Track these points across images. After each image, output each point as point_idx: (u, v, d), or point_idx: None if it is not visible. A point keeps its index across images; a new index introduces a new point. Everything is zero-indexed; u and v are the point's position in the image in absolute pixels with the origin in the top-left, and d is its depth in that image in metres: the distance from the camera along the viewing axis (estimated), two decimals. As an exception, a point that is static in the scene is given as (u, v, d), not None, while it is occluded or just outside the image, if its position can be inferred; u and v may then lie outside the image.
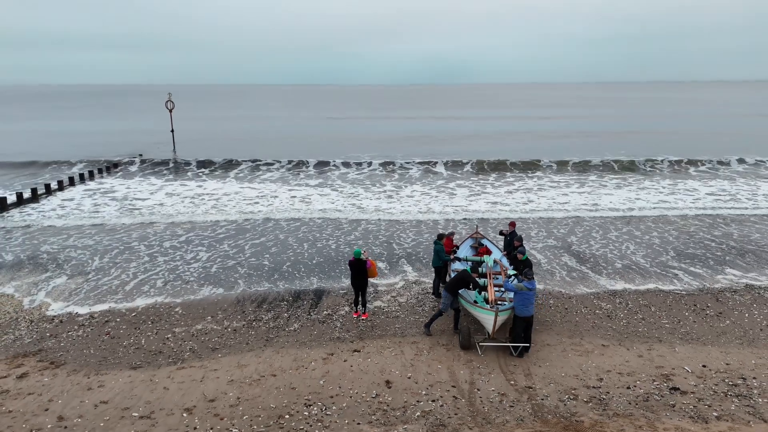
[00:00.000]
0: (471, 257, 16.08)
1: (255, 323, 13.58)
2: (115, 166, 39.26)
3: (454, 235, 16.36)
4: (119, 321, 13.72)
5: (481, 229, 20.06)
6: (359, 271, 13.53)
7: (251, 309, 14.51)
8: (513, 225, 16.34)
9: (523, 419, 9.35)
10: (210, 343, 12.45)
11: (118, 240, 21.52)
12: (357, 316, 13.92)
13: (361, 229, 23.03)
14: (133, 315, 14.09)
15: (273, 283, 16.56)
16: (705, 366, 11.26)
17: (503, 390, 10.31)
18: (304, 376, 10.82)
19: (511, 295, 12.16)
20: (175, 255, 19.58)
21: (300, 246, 20.63)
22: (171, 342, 12.52)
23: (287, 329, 13.21)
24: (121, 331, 13.11)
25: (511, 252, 14.89)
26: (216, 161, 39.59)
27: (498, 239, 18.97)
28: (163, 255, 19.58)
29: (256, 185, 33.16)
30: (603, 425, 9.15)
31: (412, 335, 12.84)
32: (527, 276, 11.33)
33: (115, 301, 15.13)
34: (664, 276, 17.13)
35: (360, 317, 13.85)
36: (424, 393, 10.18)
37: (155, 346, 12.32)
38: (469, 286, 12.57)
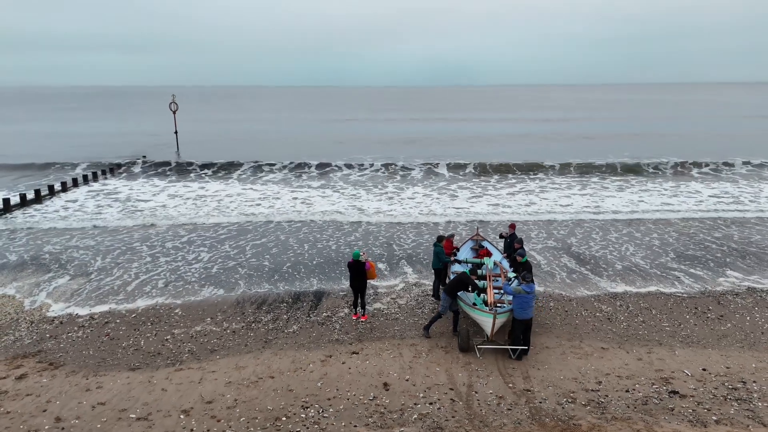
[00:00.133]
0: (471, 259, 16.04)
1: (254, 325, 13.59)
2: (119, 167, 39.36)
3: (454, 237, 16.34)
4: (119, 322, 13.75)
5: (482, 231, 20.02)
6: (358, 273, 13.53)
7: (251, 310, 14.52)
8: (513, 227, 16.31)
9: (521, 422, 9.32)
10: (209, 345, 12.46)
11: (120, 241, 21.59)
12: (356, 318, 13.91)
13: (362, 231, 23.04)
14: (133, 316, 14.12)
15: (273, 285, 16.57)
16: (705, 369, 11.20)
17: (501, 393, 10.28)
18: (302, 378, 10.82)
19: (510, 298, 12.13)
20: (177, 255, 19.66)
21: (300, 247, 20.66)
22: (170, 343, 12.53)
23: (286, 331, 13.21)
24: (121, 333, 13.14)
25: (512, 254, 14.86)
26: (219, 163, 39.63)
27: (499, 241, 18.93)
28: (165, 255, 19.65)
29: (258, 186, 33.22)
30: (601, 429, 9.11)
31: (411, 337, 12.82)
32: (525, 279, 11.30)
33: (116, 302, 15.17)
34: (665, 278, 17.06)
35: (359, 319, 13.84)
36: (421, 396, 10.16)
37: (154, 347, 12.34)
38: (468, 288, 12.54)
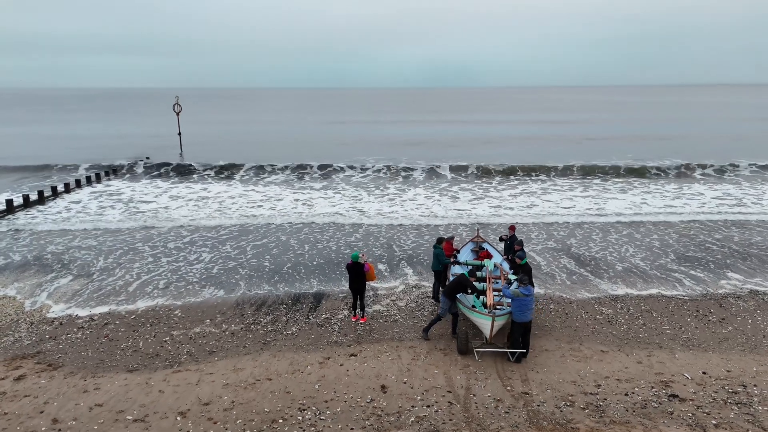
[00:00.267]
0: (471, 261, 16.01)
1: (253, 326, 13.58)
2: (122, 168, 39.48)
3: (453, 239, 16.30)
4: (118, 323, 13.76)
5: (482, 233, 19.98)
6: (357, 275, 13.50)
7: (250, 312, 14.51)
8: (513, 229, 16.26)
9: (518, 426, 9.27)
10: (207, 347, 12.45)
11: (122, 241, 21.69)
12: (355, 320, 13.88)
13: (362, 232, 23.05)
14: (133, 317, 14.13)
15: (273, 286, 16.57)
16: (705, 373, 11.12)
17: (499, 396, 10.23)
18: (299, 380, 10.79)
19: (509, 300, 12.09)
20: (179, 255, 19.75)
21: (301, 247, 20.70)
22: (168, 345, 12.53)
23: (285, 333, 13.19)
24: (120, 334, 13.16)
25: (512, 256, 14.81)
26: (221, 164, 39.69)
27: (499, 243, 18.87)
28: (167, 256, 19.75)
29: (260, 188, 33.28)
30: (599, 432, 9.05)
31: (410, 339, 12.78)
32: (522, 282, 11.25)
33: (116, 303, 15.20)
34: (666, 280, 16.96)
35: (358, 321, 13.82)
36: (419, 398, 10.12)
37: (152, 349, 12.34)
38: (467, 290, 12.50)
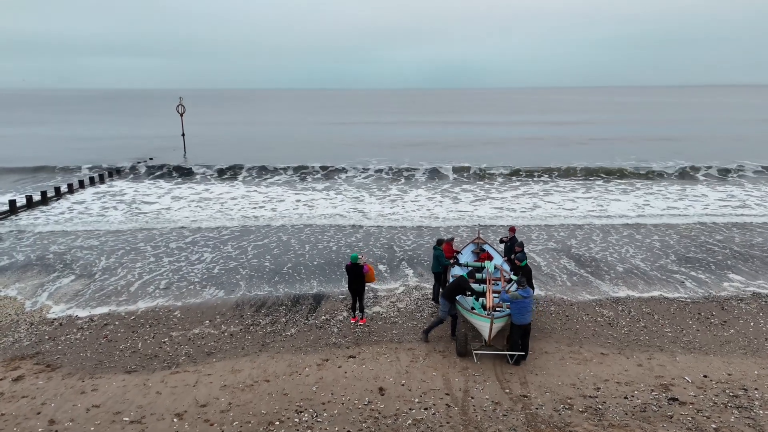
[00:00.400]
0: (472, 263, 15.95)
1: (252, 328, 13.56)
2: (125, 169, 39.61)
3: (453, 240, 16.25)
4: (117, 324, 13.77)
5: (483, 235, 19.92)
6: (356, 276, 13.47)
7: (249, 313, 14.50)
8: (513, 230, 16.19)
9: (516, 429, 9.20)
10: (206, 348, 12.44)
11: (124, 241, 21.80)
12: (355, 321, 13.85)
13: (363, 232, 23.06)
14: (132, 318, 14.14)
15: (273, 287, 16.56)
16: (706, 376, 11.02)
17: (498, 398, 10.17)
18: (297, 382, 10.76)
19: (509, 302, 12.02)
20: (181, 256, 19.86)
21: (302, 248, 20.78)
22: (167, 346, 12.53)
23: (284, 334, 13.17)
24: (119, 335, 13.16)
25: (512, 257, 14.75)
26: (224, 165, 39.78)
27: (500, 245, 18.81)
28: (169, 255, 19.85)
29: (263, 189, 33.33)
30: (597, 436, 8.98)
31: (408, 341, 12.73)
32: (521, 284, 11.18)
33: (117, 304, 15.22)
34: (669, 283, 16.86)
35: (357, 323, 13.78)
36: (417, 401, 10.07)
37: (151, 350, 12.34)
38: (466, 292, 12.44)
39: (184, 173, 38.38)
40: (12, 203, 26.80)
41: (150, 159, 44.53)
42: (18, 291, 16.32)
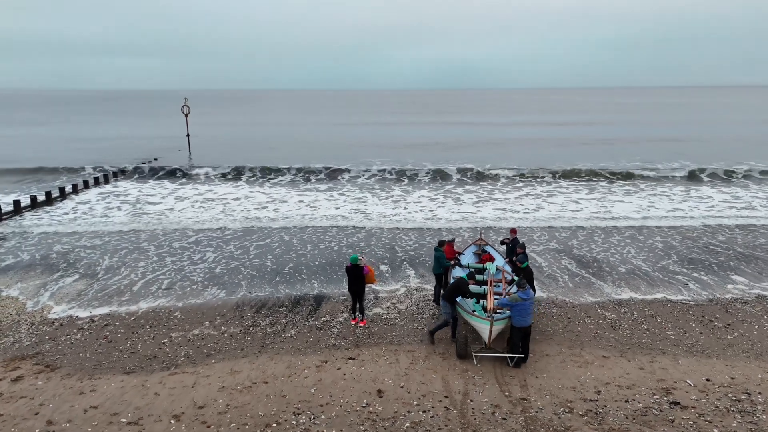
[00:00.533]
0: (474, 264, 15.88)
1: (252, 329, 13.53)
2: (130, 169, 39.72)
3: (454, 242, 16.18)
4: (118, 325, 13.77)
5: (485, 236, 19.84)
6: (356, 277, 13.42)
7: (250, 314, 14.48)
8: (514, 232, 16.11)
9: (515, 432, 9.13)
10: (205, 349, 12.42)
11: (128, 241, 21.92)
12: (355, 323, 13.80)
13: (365, 233, 23.04)
14: (133, 319, 14.14)
15: (274, 287, 16.54)
16: (708, 380, 10.90)
17: (497, 401, 10.09)
18: (295, 383, 10.72)
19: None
20: (183, 255, 19.95)
21: (303, 248, 20.86)
22: (167, 347, 12.52)
23: (284, 335, 13.13)
24: (119, 335, 13.16)
25: (514, 259, 14.67)
26: (229, 166, 39.83)
27: (501, 247, 18.73)
28: (172, 255, 19.96)
29: (266, 189, 33.36)
30: (597, 440, 8.89)
31: (408, 343, 12.66)
32: (520, 286, 11.10)
33: (118, 304, 15.23)
34: (672, 285, 16.71)
35: (358, 324, 13.73)
36: (415, 403, 10.00)
37: (151, 350, 12.33)
38: (465, 294, 12.37)
39: (188, 173, 38.44)
40: (16, 203, 26.90)
41: (155, 159, 44.70)
42: (20, 291, 16.36)
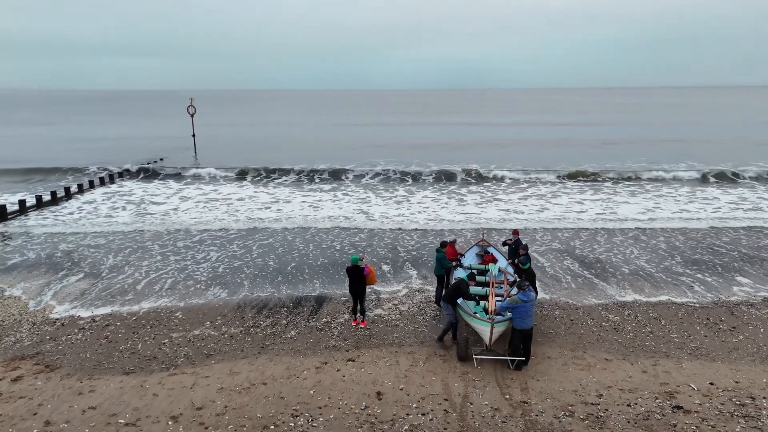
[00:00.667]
0: (476, 265, 15.78)
1: (252, 330, 13.49)
2: (135, 169, 39.85)
3: (456, 243, 16.08)
4: (119, 325, 13.77)
5: (488, 237, 19.72)
6: (357, 278, 13.35)
7: (251, 315, 14.44)
8: (516, 233, 15.99)
9: (514, 436, 9.03)
10: (205, 349, 12.39)
11: (131, 240, 22.07)
12: (356, 324, 13.73)
13: (367, 233, 23.01)
14: (134, 319, 14.14)
15: (276, 288, 16.51)
16: (712, 384, 10.75)
17: (497, 404, 9.99)
18: (294, 385, 10.66)
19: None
20: (187, 254, 20.05)
21: (306, 247, 20.92)
22: (167, 347, 12.50)
23: (284, 336, 13.08)
24: (120, 335, 13.15)
25: (516, 260, 14.56)
26: (234, 166, 39.92)
27: (504, 248, 18.61)
28: (175, 254, 20.06)
29: (270, 189, 33.38)
30: (598, 445, 8.78)
31: (409, 345, 12.58)
32: (521, 288, 10.99)
33: (120, 304, 15.23)
34: (677, 287, 16.54)
35: (359, 325, 13.66)
36: (414, 406, 9.92)
37: (150, 351, 12.31)
38: (466, 295, 12.27)
39: (193, 173, 38.49)
40: (22, 203, 27.05)
41: (160, 159, 44.88)
42: (23, 290, 16.40)
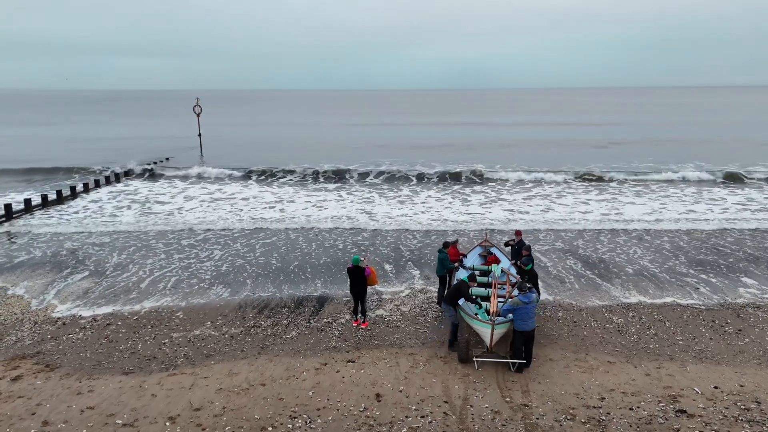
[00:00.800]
0: (479, 266, 15.66)
1: (253, 330, 13.45)
2: (141, 169, 39.96)
3: (458, 243, 15.97)
4: (120, 324, 13.76)
5: (491, 237, 19.59)
6: (358, 279, 13.28)
7: (252, 315, 14.39)
8: (519, 234, 15.86)
9: (514, 439, 8.92)
10: (205, 350, 12.35)
11: (136, 238, 22.17)
12: (357, 324, 13.65)
13: (370, 232, 22.95)
14: (135, 318, 14.13)
15: (277, 287, 16.47)
16: (717, 387, 10.59)
17: (497, 407, 9.88)
18: (293, 386, 10.59)
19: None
20: (191, 253, 20.12)
21: (308, 246, 20.92)
22: (167, 347, 12.47)
23: (284, 337, 13.02)
24: (120, 335, 13.14)
25: (518, 261, 14.44)
26: (239, 165, 39.98)
27: (506, 249, 18.48)
28: (180, 253, 20.13)
29: (275, 189, 33.40)
30: (599, 449, 8.65)
31: (410, 346, 12.49)
32: (521, 289, 10.87)
33: (121, 303, 15.24)
34: (682, 288, 16.35)
35: (359, 326, 13.58)
36: (414, 408, 9.82)
37: (150, 351, 12.29)
38: (466, 296, 12.16)
39: (198, 173, 38.52)
40: (27, 202, 27.17)
41: (166, 159, 45.03)
42: (26, 289, 16.44)
